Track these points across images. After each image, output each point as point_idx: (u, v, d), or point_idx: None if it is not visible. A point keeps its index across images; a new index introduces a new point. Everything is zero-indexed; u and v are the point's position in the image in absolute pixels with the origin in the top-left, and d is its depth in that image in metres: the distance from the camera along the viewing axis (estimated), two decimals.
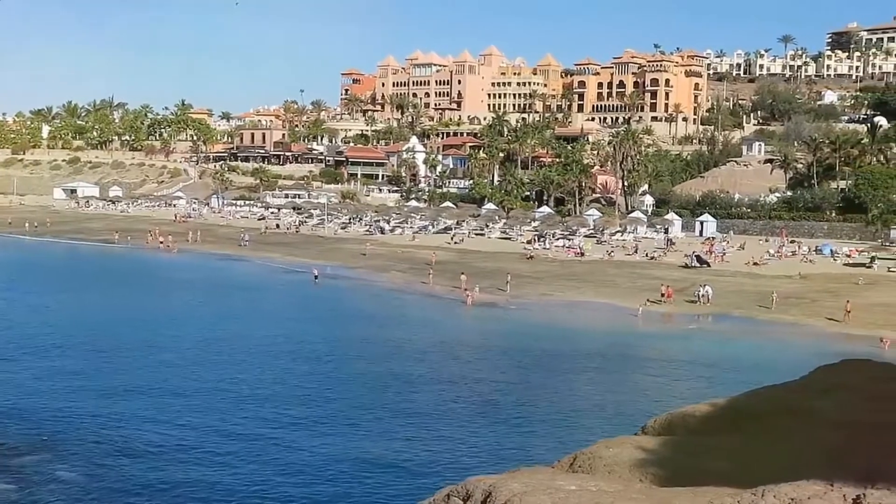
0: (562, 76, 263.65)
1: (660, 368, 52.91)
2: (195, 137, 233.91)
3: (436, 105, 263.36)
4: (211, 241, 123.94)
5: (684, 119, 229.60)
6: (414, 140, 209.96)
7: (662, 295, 75.35)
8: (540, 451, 31.69)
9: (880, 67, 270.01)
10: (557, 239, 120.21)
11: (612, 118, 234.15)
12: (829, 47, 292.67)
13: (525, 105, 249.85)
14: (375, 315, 70.18)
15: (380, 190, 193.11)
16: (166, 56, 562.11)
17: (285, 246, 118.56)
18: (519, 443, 36.05)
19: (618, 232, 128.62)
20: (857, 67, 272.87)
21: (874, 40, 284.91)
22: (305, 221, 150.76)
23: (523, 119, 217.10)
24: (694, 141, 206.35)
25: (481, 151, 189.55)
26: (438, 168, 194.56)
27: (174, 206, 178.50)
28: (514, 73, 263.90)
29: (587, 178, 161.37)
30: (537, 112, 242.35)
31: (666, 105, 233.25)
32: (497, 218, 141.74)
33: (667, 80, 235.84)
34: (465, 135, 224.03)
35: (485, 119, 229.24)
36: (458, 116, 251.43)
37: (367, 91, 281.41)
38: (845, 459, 6.85)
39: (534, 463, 11.00)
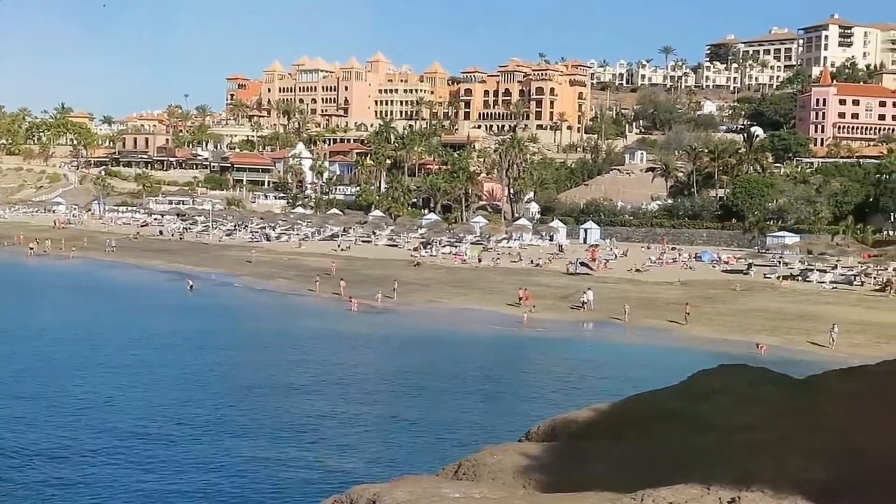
0: (448, 84, 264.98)
1: (543, 375, 53.42)
2: (75, 142, 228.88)
3: (323, 111, 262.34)
4: (89, 248, 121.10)
5: (569, 127, 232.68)
6: (300, 146, 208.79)
7: (520, 298, 76.45)
8: (424, 459, 31.70)
9: (756, 79, 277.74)
10: (444, 246, 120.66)
11: (498, 126, 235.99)
12: (707, 59, 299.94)
13: (412, 112, 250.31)
14: (256, 323, 69.31)
15: (266, 196, 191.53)
16: (45, 58, 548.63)
17: (168, 253, 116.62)
18: (403, 451, 35.98)
19: (504, 239, 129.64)
20: (734, 79, 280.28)
21: (751, 52, 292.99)
22: (189, 228, 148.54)
23: (410, 126, 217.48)
24: (578, 149, 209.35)
25: (368, 158, 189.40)
26: (325, 175, 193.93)
27: (53, 211, 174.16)
28: (402, 81, 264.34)
29: (473, 185, 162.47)
30: (424, 119, 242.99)
31: (551, 113, 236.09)
32: (384, 225, 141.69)
33: (552, 89, 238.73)
34: (351, 141, 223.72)
35: (372, 126, 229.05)
36: (345, 123, 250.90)
37: (253, 96, 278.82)
38: (721, 463, 7.01)
39: (418, 471, 11.03)
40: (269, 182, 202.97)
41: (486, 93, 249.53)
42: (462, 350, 60.25)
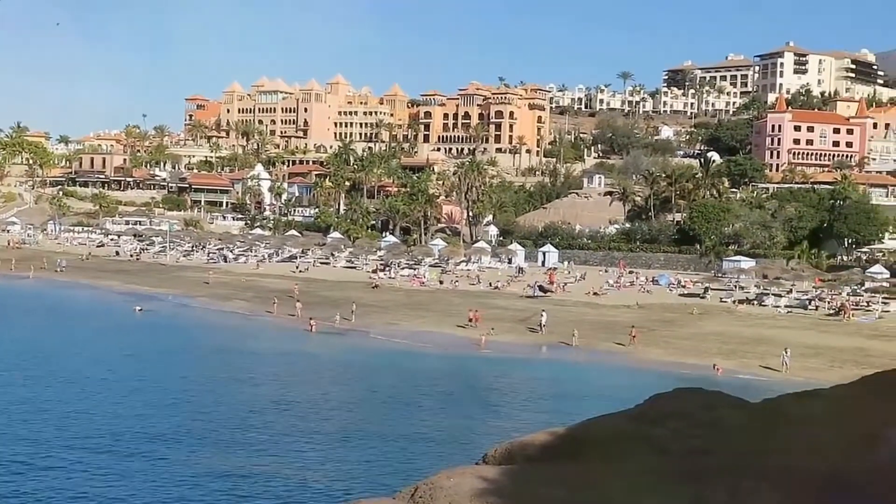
0: (408, 106, 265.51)
1: (500, 397, 53.43)
2: (31, 161, 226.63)
3: (282, 132, 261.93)
4: (45, 269, 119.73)
5: (528, 151, 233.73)
6: (259, 167, 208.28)
7: (470, 320, 76.71)
8: (381, 482, 31.55)
9: (713, 105, 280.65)
10: (403, 268, 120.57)
11: (457, 149, 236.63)
12: (665, 84, 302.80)
13: (371, 134, 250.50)
14: (212, 344, 68.70)
15: (224, 217, 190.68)
16: (0, 76, 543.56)
17: (125, 273, 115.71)
18: (360, 473, 35.76)
19: (462, 262, 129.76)
20: (691, 104, 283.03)
21: (708, 78, 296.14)
22: (146, 249, 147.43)
23: (370, 148, 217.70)
24: (537, 173, 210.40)
25: (327, 180, 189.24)
26: (284, 196, 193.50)
27: (8, 231, 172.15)
28: (361, 103, 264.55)
29: (432, 207, 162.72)
30: (384, 141, 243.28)
31: (510, 137, 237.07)
32: (342, 247, 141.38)
33: (511, 113, 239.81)
34: (311, 163, 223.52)
35: (331, 147, 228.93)
36: (305, 144, 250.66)
37: (212, 117, 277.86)
38: (676, 486, 7.06)
39: (375, 494, 11.00)
40: (227, 203, 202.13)
41: (446, 116, 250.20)
42: (419, 372, 60.12)
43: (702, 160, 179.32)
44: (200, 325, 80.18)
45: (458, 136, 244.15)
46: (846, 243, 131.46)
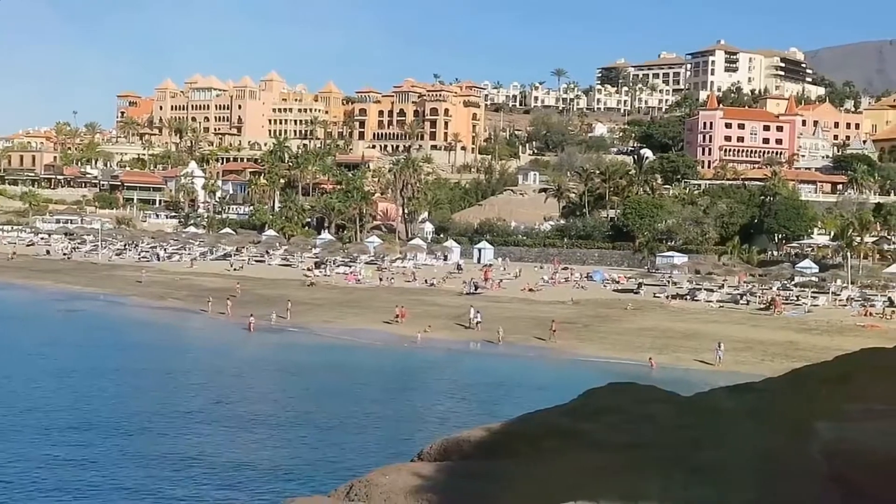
0: (343, 103, 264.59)
1: (436, 394, 53.53)
2: None
3: (216, 130, 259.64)
4: None
5: (463, 148, 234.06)
6: (193, 165, 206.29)
7: (396, 316, 77.01)
8: (317, 480, 31.43)
9: (646, 102, 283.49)
10: (338, 266, 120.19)
11: (392, 146, 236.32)
12: (599, 82, 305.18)
13: (306, 131, 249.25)
14: (143, 343, 67.85)
15: (157, 215, 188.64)
16: None
17: (55, 273, 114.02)
18: (295, 472, 35.60)
19: (398, 259, 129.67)
20: (625, 102, 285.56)
21: (640, 76, 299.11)
22: (78, 248, 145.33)
23: (304, 145, 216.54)
24: (472, 170, 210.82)
25: (262, 177, 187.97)
26: (218, 194, 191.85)
27: None
28: (296, 100, 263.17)
29: (368, 205, 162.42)
30: (318, 139, 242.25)
31: (445, 134, 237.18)
32: (278, 245, 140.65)
33: (446, 110, 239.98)
34: (245, 160, 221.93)
35: (266, 145, 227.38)
36: (239, 142, 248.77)
37: (145, 114, 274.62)
38: (609, 481, 7.11)
39: (310, 493, 10.95)
40: (160, 201, 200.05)
41: (381, 113, 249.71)
42: (355, 370, 60.02)
43: (635, 157, 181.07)
44: (133, 323, 79.25)
45: (394, 134, 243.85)
46: (776, 239, 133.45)
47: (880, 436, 7.26)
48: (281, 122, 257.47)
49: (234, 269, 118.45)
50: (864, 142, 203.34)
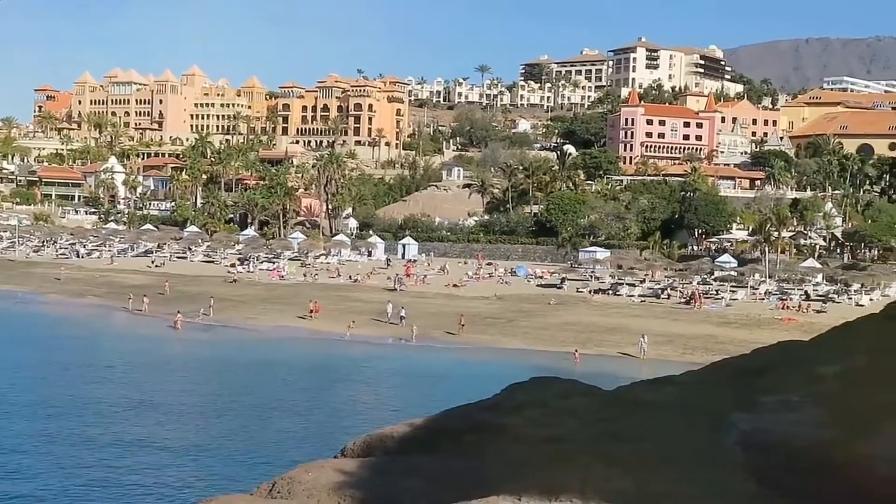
0: (266, 98, 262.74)
1: (360, 390, 53.49)
2: None
3: (136, 125, 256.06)
4: None
5: (387, 144, 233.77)
6: (113, 160, 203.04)
7: (311, 311, 77.02)
8: (240, 479, 31.15)
9: (569, 98, 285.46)
10: (262, 262, 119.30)
11: (316, 141, 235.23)
12: (522, 78, 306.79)
13: (229, 127, 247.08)
14: (60, 342, 66.45)
15: (76, 212, 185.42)
16: None
17: None
18: (218, 470, 35.28)
19: (322, 255, 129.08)
20: (548, 98, 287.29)
21: (563, 73, 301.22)
22: None
23: (227, 141, 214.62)
24: (396, 165, 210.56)
25: (184, 173, 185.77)
26: (139, 189, 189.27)
27: None
28: (218, 95, 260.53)
29: (292, 200, 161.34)
30: (241, 134, 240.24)
31: (369, 129, 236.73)
32: (200, 241, 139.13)
33: (370, 106, 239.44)
34: (166, 156, 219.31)
35: (187, 140, 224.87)
36: (160, 137, 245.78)
37: (63, 109, 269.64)
38: (531, 474, 7.16)
39: (232, 491, 10.89)
40: (79, 197, 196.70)
41: (305, 108, 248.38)
42: (278, 367, 59.68)
43: (558, 153, 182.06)
44: (52, 321, 77.80)
45: (317, 129, 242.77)
46: (696, 234, 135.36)
47: (795, 426, 7.41)
48: (203, 118, 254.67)
49: (156, 266, 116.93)
50: (782, 138, 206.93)
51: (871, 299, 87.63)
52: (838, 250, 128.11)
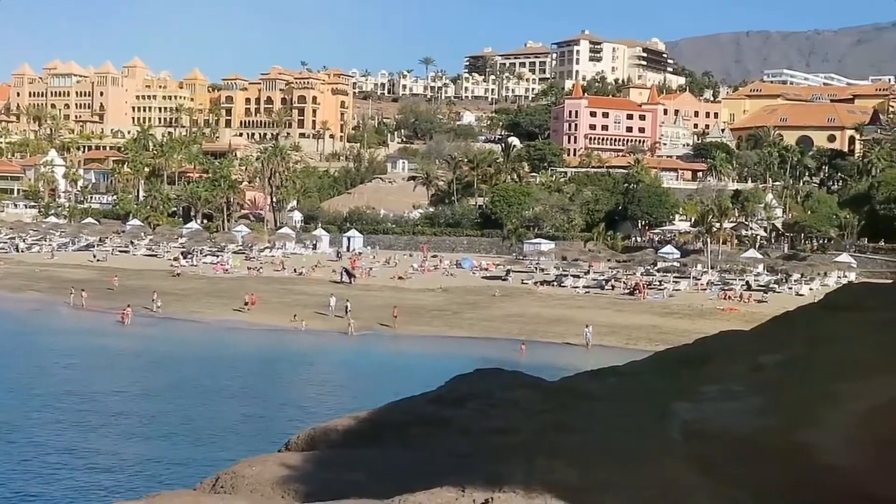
0: (209, 91, 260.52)
1: (305, 384, 53.33)
2: None
3: (77, 117, 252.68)
4: None
5: (331, 136, 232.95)
6: (53, 153, 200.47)
7: (246, 303, 76.86)
8: (184, 474, 30.94)
9: (513, 91, 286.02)
10: (205, 256, 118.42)
11: (260, 134, 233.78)
12: (466, 70, 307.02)
13: (171, 119, 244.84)
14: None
15: (15, 205, 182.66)
16: None
17: None
18: (162, 466, 35.02)
19: (266, 248, 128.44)
20: (492, 90, 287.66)
21: (507, 65, 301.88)
22: None
23: (170, 133, 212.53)
24: (341, 158, 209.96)
25: (126, 166, 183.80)
26: (80, 183, 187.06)
27: None
28: (160, 87, 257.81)
29: (236, 194, 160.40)
30: (184, 126, 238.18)
31: (313, 122, 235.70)
32: (143, 234, 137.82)
33: (314, 98, 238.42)
34: (108, 149, 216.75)
35: (129, 133, 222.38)
36: (101, 129, 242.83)
37: (1, 101, 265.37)
38: (475, 466, 7.16)
39: (176, 486, 10.78)
40: (18, 191, 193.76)
41: (248, 100, 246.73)
42: (222, 361, 59.31)
43: (503, 145, 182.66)
44: None
45: (261, 122, 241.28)
46: (640, 225, 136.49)
47: (736, 415, 7.48)
48: (145, 110, 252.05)
49: (98, 260, 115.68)
50: (723, 130, 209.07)
51: (810, 289, 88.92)
52: (779, 241, 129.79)
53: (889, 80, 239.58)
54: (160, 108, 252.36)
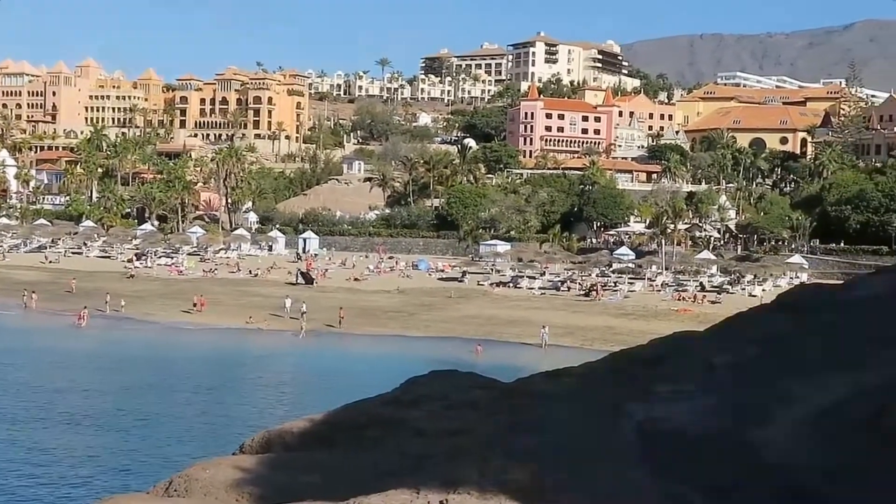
0: (163, 91, 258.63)
1: (260, 386, 53.07)
2: None
3: (28, 117, 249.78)
4: None
5: (287, 137, 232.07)
6: (4, 154, 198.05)
7: (195, 304, 76.62)
8: (136, 478, 30.66)
9: (469, 92, 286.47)
10: (160, 257, 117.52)
11: (215, 135, 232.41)
12: (423, 72, 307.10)
13: (125, 119, 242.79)
14: None
15: None
16: None
17: None
18: (114, 471, 34.64)
19: (222, 249, 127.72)
20: (448, 92, 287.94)
21: (463, 66, 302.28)
22: None
23: (123, 134, 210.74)
24: (297, 159, 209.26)
25: (78, 166, 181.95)
26: (32, 183, 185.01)
27: None
28: (114, 87, 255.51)
29: (190, 195, 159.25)
30: (138, 127, 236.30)
31: (269, 123, 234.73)
32: (96, 236, 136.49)
33: (269, 99, 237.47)
34: (60, 149, 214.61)
35: (82, 133, 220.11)
36: (53, 130, 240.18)
37: None
38: (430, 467, 7.17)
39: (129, 490, 10.72)
40: None
41: (203, 101, 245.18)
42: (177, 364, 58.91)
43: (459, 146, 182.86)
44: None
45: (216, 122, 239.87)
46: (595, 226, 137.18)
47: (689, 415, 7.54)
48: (98, 110, 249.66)
49: (50, 262, 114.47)
50: (677, 132, 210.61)
51: (763, 290, 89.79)
52: (732, 242, 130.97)
53: (840, 82, 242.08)
54: (114, 109, 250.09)
